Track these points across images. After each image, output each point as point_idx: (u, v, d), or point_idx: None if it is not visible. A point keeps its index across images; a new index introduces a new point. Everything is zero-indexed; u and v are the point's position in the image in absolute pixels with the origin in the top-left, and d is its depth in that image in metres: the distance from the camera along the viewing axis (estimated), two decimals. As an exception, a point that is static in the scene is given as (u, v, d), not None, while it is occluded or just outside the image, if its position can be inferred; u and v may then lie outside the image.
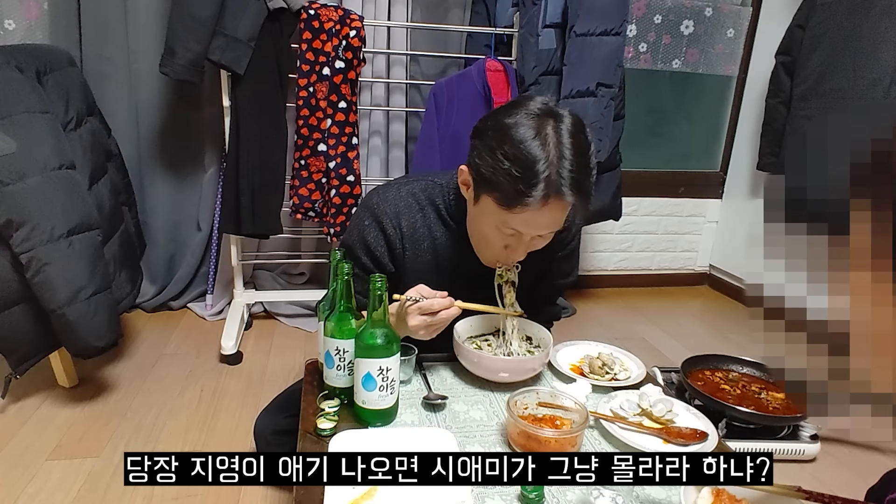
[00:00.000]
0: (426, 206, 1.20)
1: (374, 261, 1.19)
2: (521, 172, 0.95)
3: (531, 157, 0.94)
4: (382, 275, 0.96)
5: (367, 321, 0.96)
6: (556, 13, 2.28)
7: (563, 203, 0.98)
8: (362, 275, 1.17)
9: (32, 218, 1.50)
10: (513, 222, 1.01)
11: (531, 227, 1.02)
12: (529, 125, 0.97)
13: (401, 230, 1.18)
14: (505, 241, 1.06)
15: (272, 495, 1.51)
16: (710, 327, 2.83)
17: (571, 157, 0.96)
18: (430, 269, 1.19)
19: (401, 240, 1.18)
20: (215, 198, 2.45)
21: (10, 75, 1.55)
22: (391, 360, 0.96)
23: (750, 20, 3.00)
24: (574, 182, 0.96)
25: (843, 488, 1.67)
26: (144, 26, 2.27)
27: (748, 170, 2.98)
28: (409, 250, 1.19)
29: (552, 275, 1.32)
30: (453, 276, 1.19)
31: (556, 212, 0.99)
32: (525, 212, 0.97)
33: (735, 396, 1.78)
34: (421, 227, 1.19)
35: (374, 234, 1.18)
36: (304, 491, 0.83)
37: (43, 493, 1.47)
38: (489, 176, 0.99)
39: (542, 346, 1.19)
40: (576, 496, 0.86)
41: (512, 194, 0.96)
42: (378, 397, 0.97)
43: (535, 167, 0.94)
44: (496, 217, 1.02)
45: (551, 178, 0.94)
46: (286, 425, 1.29)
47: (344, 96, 2.18)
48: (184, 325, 2.46)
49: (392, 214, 1.17)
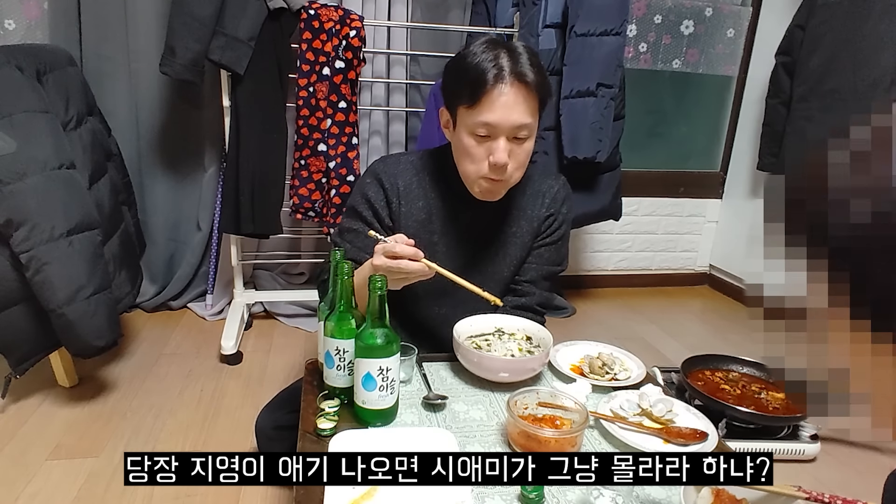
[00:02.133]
0: (421, 171, 1.32)
1: (373, 212, 1.29)
2: (479, 70, 1.11)
3: (487, 57, 1.11)
4: (383, 276, 0.96)
5: (367, 321, 0.96)
6: (556, 13, 2.28)
7: (522, 88, 1.11)
8: (362, 229, 1.27)
9: (32, 217, 1.50)
10: (483, 115, 1.12)
11: (500, 117, 1.11)
12: (482, 44, 1.15)
13: (398, 188, 1.29)
14: (485, 147, 1.15)
15: (272, 495, 1.51)
16: (710, 327, 2.84)
17: (522, 51, 1.13)
18: (423, 226, 1.29)
19: (397, 196, 1.29)
20: (215, 197, 2.45)
21: (10, 75, 1.55)
22: (391, 360, 0.96)
23: (750, 20, 3.00)
24: (528, 69, 1.11)
25: (843, 488, 1.67)
26: (144, 26, 2.27)
27: (748, 170, 2.98)
28: (405, 206, 1.29)
29: (541, 259, 1.36)
30: (444, 234, 1.30)
31: (517, 98, 1.11)
32: (489, 102, 1.10)
33: (735, 396, 1.78)
34: (416, 188, 1.30)
35: (375, 189, 1.29)
36: (304, 491, 0.83)
37: (43, 493, 1.47)
38: (455, 88, 1.15)
39: (542, 346, 1.19)
40: (576, 496, 0.86)
41: (475, 88, 1.11)
42: (378, 397, 0.97)
43: (490, 63, 1.11)
44: (469, 122, 1.14)
45: (504, 66, 1.10)
46: (287, 421, 1.31)
47: (344, 96, 2.18)
48: (184, 324, 2.46)
49: (391, 174, 1.30)
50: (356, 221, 1.30)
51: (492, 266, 1.33)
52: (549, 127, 2.37)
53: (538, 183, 1.35)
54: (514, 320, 1.26)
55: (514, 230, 1.33)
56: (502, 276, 1.34)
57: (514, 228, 1.33)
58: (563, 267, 1.40)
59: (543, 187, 1.35)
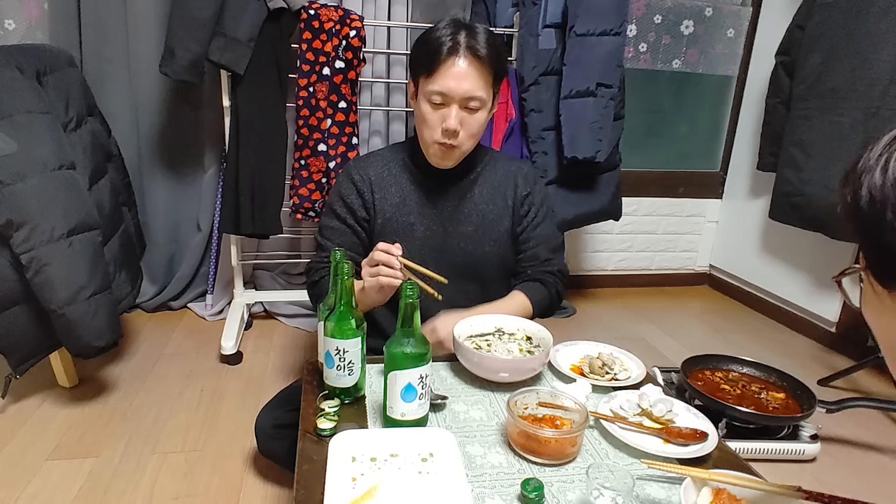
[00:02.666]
0: (391, 160, 1.41)
1: (347, 208, 1.37)
2: (438, 43, 1.21)
3: (446, 33, 1.22)
4: (413, 283, 0.94)
5: (398, 331, 0.94)
6: (555, 13, 2.28)
7: (475, 61, 1.21)
8: (337, 226, 1.38)
9: (32, 218, 1.50)
10: (437, 84, 1.21)
11: (452, 86, 1.21)
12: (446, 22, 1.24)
13: (369, 178, 1.38)
14: (439, 114, 1.24)
15: (272, 495, 1.51)
16: (710, 327, 2.84)
17: (481, 31, 1.23)
18: (398, 209, 1.37)
19: (369, 185, 1.37)
20: (215, 198, 2.45)
21: (10, 75, 1.55)
22: (428, 366, 0.95)
23: (750, 20, 3.00)
24: (483, 46, 1.21)
25: (843, 488, 1.67)
26: (144, 27, 2.27)
27: (748, 170, 2.98)
28: (378, 193, 1.37)
29: (541, 238, 1.43)
30: (420, 215, 1.37)
31: (470, 70, 1.21)
32: (444, 71, 1.20)
33: (735, 396, 1.78)
34: (388, 176, 1.38)
35: (346, 185, 1.38)
36: (304, 491, 0.83)
37: (43, 493, 1.47)
38: (417, 59, 1.26)
39: (542, 346, 1.19)
40: (576, 496, 0.86)
41: (432, 59, 1.21)
42: (418, 406, 0.96)
43: (448, 38, 1.21)
44: (426, 90, 1.23)
45: (460, 42, 1.21)
46: (287, 419, 1.33)
47: (344, 96, 2.19)
48: (184, 325, 2.46)
49: (361, 168, 1.39)
50: (332, 219, 1.39)
51: (472, 244, 1.37)
52: (548, 127, 2.37)
53: (507, 164, 1.44)
54: (515, 320, 1.26)
55: (490, 208, 1.39)
56: (484, 253, 1.38)
57: (491, 206, 1.39)
58: (558, 239, 1.50)
59: (513, 168, 1.43)
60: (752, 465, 0.95)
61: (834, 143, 2.26)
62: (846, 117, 2.21)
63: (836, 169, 2.25)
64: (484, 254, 1.38)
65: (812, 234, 2.43)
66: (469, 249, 1.37)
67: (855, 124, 2.18)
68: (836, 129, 2.25)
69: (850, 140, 2.20)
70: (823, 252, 2.57)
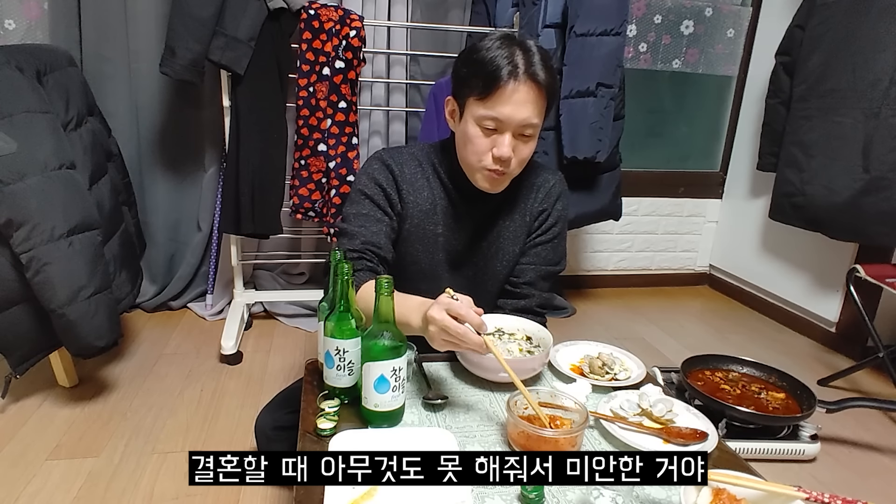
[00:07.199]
0: (424, 163, 1.32)
1: (384, 194, 1.28)
2: (494, 65, 1.12)
3: (502, 53, 1.13)
4: (389, 277, 0.94)
5: (375, 323, 0.95)
6: (556, 13, 2.28)
7: (533, 87, 1.12)
8: (372, 212, 1.26)
9: (33, 218, 1.50)
10: (493, 109, 1.13)
11: (510, 112, 1.13)
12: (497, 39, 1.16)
13: (405, 174, 1.30)
14: (490, 139, 1.16)
15: (272, 495, 1.51)
16: (710, 327, 2.84)
17: (536, 51, 1.14)
18: (427, 217, 1.30)
19: (405, 182, 1.29)
20: (215, 198, 2.45)
21: (10, 75, 1.55)
22: (402, 360, 0.95)
23: (750, 20, 3.00)
24: (541, 69, 1.13)
25: (843, 488, 1.67)
26: (144, 26, 2.27)
27: (748, 170, 2.98)
28: (411, 195, 1.30)
29: (538, 259, 1.35)
30: (445, 226, 1.31)
31: (528, 96, 1.13)
32: (501, 97, 1.12)
33: (735, 396, 1.78)
34: (420, 178, 1.31)
35: (384, 173, 1.29)
36: (304, 491, 0.83)
37: (43, 493, 1.47)
38: (467, 79, 1.16)
39: (542, 346, 1.19)
40: (576, 496, 0.86)
41: (489, 82, 1.12)
42: (391, 398, 0.96)
43: (506, 59, 1.12)
44: (478, 114, 1.15)
45: (519, 64, 1.12)
46: (286, 421, 1.32)
47: (344, 96, 2.19)
48: (184, 324, 2.46)
49: (398, 161, 1.31)
50: (365, 203, 1.26)
51: (484, 260, 1.35)
52: (549, 127, 2.37)
53: (534, 176, 1.35)
54: (514, 320, 1.26)
55: (507, 223, 1.33)
56: (494, 271, 1.35)
57: (508, 221, 1.33)
58: (561, 267, 1.40)
59: (539, 180, 1.35)
60: (752, 465, 0.95)
61: (834, 144, 2.26)
62: (847, 117, 2.21)
63: (837, 169, 2.25)
64: (495, 272, 1.35)
65: (812, 234, 2.44)
66: (481, 265, 1.35)
67: (855, 124, 2.18)
68: (837, 129, 2.25)
69: (850, 140, 2.20)
70: (823, 252, 2.57)
